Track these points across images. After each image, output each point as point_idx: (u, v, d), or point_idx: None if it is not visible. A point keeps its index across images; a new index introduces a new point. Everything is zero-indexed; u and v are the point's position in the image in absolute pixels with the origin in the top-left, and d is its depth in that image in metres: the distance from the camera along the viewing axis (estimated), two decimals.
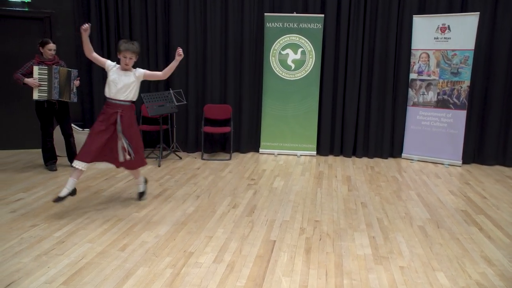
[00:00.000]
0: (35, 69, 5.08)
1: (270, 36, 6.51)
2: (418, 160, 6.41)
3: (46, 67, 5.12)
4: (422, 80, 6.32)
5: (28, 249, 3.21)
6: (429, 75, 6.26)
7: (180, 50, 3.90)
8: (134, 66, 3.96)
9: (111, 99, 3.88)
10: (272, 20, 6.46)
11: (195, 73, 6.61)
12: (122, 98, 3.89)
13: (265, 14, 6.44)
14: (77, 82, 5.36)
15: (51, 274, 2.84)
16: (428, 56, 6.22)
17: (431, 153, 6.33)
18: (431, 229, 3.79)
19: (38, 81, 5.07)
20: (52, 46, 5.18)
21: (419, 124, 6.40)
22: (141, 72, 3.98)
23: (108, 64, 3.90)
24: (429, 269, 3.03)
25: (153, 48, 6.59)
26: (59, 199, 3.79)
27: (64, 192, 3.81)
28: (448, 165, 6.15)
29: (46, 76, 5.11)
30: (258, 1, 6.49)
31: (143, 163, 4.17)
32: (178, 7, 6.43)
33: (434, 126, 6.28)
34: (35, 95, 5.10)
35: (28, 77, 5.09)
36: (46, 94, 5.13)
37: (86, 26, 3.66)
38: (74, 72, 5.35)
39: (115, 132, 3.88)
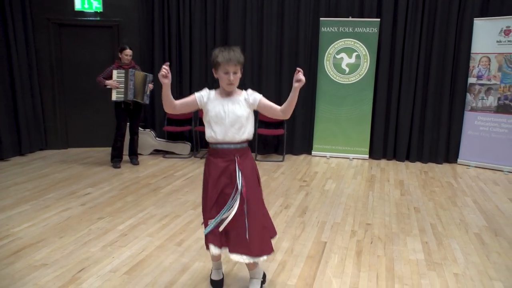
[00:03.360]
0: (114, 72, 5.49)
1: (325, 40, 6.46)
2: (475, 166, 6.09)
3: (123, 71, 5.49)
4: (482, 85, 6.00)
5: (95, 240, 3.40)
6: (489, 80, 5.93)
7: (300, 74, 2.29)
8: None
9: (220, 143, 2.42)
10: (328, 25, 6.40)
11: (250, 76, 6.69)
12: (237, 140, 2.41)
13: (321, 19, 6.40)
14: (151, 86, 5.70)
15: (115, 264, 2.99)
16: (489, 60, 5.90)
17: (489, 159, 5.99)
18: (488, 237, 3.60)
19: (117, 83, 5.46)
20: (128, 52, 5.55)
21: (477, 130, 6.08)
22: (255, 98, 2.45)
23: (199, 96, 2.45)
24: (485, 278, 2.88)
25: (211, 54, 6.73)
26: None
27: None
28: (508, 172, 5.79)
29: (123, 79, 5.48)
30: (314, 6, 6.46)
31: (269, 250, 2.46)
32: (236, 14, 6.54)
33: (493, 131, 5.94)
34: (113, 97, 5.50)
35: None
36: (122, 96, 5.50)
37: (165, 71, 2.30)
38: (150, 77, 5.70)
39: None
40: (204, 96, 2.45)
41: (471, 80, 6.08)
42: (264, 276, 2.74)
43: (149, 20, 6.69)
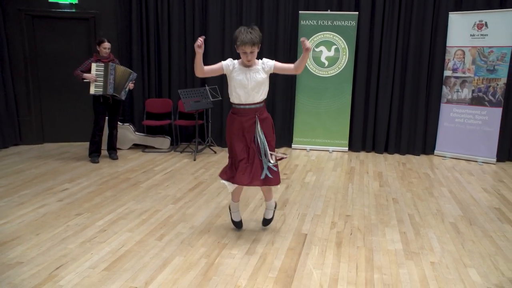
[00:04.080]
0: (93, 66, 5.38)
1: (304, 33, 6.45)
2: (450, 157, 6.23)
3: (102, 64, 5.38)
4: (457, 77, 6.12)
5: (74, 236, 3.34)
6: (464, 72, 6.05)
7: (306, 42, 2.94)
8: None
9: (243, 104, 3.08)
10: (307, 18, 6.41)
11: None
12: (257, 100, 3.08)
13: (300, 12, 6.40)
14: (131, 85, 5.64)
15: (94, 260, 2.94)
16: (464, 53, 6.02)
17: (464, 150, 6.13)
18: (463, 226, 3.69)
19: (95, 77, 5.35)
20: (107, 45, 5.45)
21: (453, 121, 6.21)
22: (270, 65, 3.13)
23: (226, 65, 3.11)
24: (460, 265, 2.95)
25: (190, 47, 6.67)
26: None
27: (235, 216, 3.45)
28: (482, 162, 5.94)
29: (102, 72, 5.38)
30: None
31: (279, 181, 3.22)
32: (215, 6, 6.47)
33: (468, 123, 6.08)
34: (92, 90, 5.39)
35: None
36: (101, 89, 5.40)
37: (201, 41, 2.90)
38: (134, 75, 5.64)
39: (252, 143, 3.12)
40: (230, 65, 3.10)
41: (447, 73, 6.19)
42: (276, 205, 3.51)
43: (127, 12, 6.55)
